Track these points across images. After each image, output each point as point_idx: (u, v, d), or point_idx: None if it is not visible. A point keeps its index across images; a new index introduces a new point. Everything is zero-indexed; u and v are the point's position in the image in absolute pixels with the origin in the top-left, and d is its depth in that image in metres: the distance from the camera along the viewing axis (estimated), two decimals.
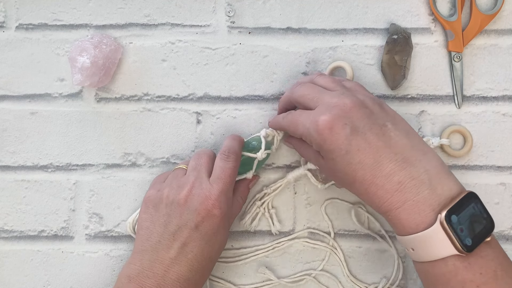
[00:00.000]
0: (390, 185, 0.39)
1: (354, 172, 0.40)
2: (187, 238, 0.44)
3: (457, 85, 0.53)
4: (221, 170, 0.46)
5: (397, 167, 0.40)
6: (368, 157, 0.40)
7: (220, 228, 0.45)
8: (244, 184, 0.51)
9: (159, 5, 0.54)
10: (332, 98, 0.43)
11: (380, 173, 0.40)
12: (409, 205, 0.39)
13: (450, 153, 0.52)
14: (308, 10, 0.54)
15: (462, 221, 0.38)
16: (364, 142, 0.40)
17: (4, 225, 0.53)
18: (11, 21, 0.54)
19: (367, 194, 0.41)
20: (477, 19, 0.52)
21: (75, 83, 0.50)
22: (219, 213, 0.44)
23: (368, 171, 0.40)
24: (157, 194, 0.46)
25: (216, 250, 0.46)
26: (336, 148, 0.41)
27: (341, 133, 0.40)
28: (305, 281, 0.52)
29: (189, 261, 0.43)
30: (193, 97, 0.53)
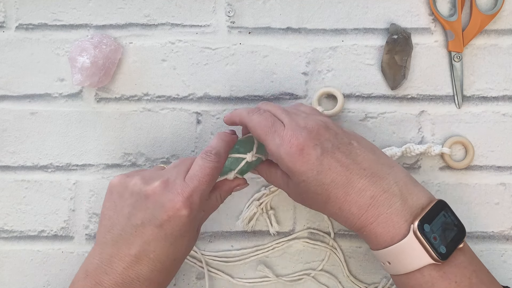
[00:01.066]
0: (363, 200, 0.39)
1: (327, 191, 0.40)
2: (150, 236, 0.40)
3: (457, 85, 0.53)
4: (199, 168, 0.42)
5: (368, 182, 0.40)
6: (340, 175, 0.40)
7: (188, 231, 0.41)
8: (227, 185, 0.46)
9: (159, 5, 0.54)
10: (298, 121, 0.42)
11: (353, 190, 0.40)
12: (383, 219, 0.39)
13: (450, 164, 0.52)
14: (308, 10, 0.54)
15: (435, 229, 0.39)
16: (334, 161, 0.40)
17: (4, 225, 0.53)
18: (11, 21, 0.54)
19: (341, 213, 0.40)
20: (477, 19, 0.52)
21: (75, 83, 0.50)
22: (188, 213, 0.40)
23: (340, 189, 0.40)
24: (124, 180, 0.42)
25: (182, 252, 0.42)
26: (308, 170, 0.40)
27: (312, 154, 0.40)
28: (304, 281, 0.52)
29: (151, 261, 0.40)
30: (193, 97, 0.53)
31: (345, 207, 0.40)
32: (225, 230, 0.53)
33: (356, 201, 0.40)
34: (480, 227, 0.52)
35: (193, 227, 0.42)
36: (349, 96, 0.53)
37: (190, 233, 0.42)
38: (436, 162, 0.53)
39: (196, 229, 0.44)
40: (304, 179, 0.41)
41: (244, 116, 0.44)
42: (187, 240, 0.42)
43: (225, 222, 0.53)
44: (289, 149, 0.40)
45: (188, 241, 0.42)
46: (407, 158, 0.52)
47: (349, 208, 0.40)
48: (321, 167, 0.40)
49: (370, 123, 0.53)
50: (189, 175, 0.42)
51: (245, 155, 0.46)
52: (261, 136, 0.42)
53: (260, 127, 0.43)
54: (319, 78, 0.53)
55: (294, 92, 0.53)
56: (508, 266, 0.52)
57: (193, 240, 0.44)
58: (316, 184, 0.40)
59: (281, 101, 0.53)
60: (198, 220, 0.43)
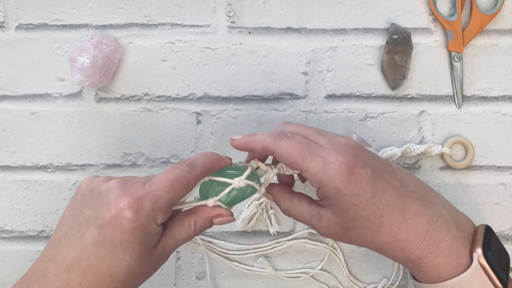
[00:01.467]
0: (420, 226, 0.35)
1: (381, 217, 0.35)
2: (89, 238, 0.34)
3: (457, 85, 0.53)
4: (163, 174, 0.36)
5: (421, 205, 0.36)
6: (395, 198, 0.36)
7: (130, 242, 0.34)
8: (206, 212, 0.38)
9: (159, 5, 0.54)
10: (337, 139, 0.38)
11: (409, 214, 0.36)
12: (444, 247, 0.35)
13: (450, 164, 0.52)
14: (308, 10, 0.54)
15: (494, 256, 0.36)
16: (385, 182, 0.36)
17: (4, 225, 0.53)
18: (11, 21, 0.54)
19: (396, 242, 0.36)
20: (477, 19, 0.52)
21: (75, 83, 0.50)
22: (132, 217, 0.34)
23: (396, 214, 0.35)
24: (90, 179, 0.38)
25: (122, 272, 0.34)
26: (361, 192, 0.35)
27: (363, 174, 0.35)
28: (302, 279, 0.52)
29: (82, 270, 0.34)
30: (193, 97, 0.53)
31: (401, 235, 0.35)
32: (225, 230, 0.53)
33: (414, 227, 0.35)
34: None
35: (140, 241, 0.34)
36: (349, 96, 0.53)
37: (135, 248, 0.34)
38: (436, 162, 0.53)
39: (148, 248, 0.35)
40: (356, 203, 0.35)
41: (269, 143, 0.38)
42: (130, 256, 0.34)
43: None
44: (338, 169, 0.35)
45: (131, 258, 0.34)
46: (407, 158, 0.52)
47: (406, 235, 0.35)
48: (374, 188, 0.36)
49: (370, 123, 0.53)
50: (150, 180, 0.36)
51: (232, 180, 0.38)
52: (296, 162, 0.37)
53: (295, 151, 0.36)
54: (319, 78, 0.53)
55: (294, 92, 0.53)
56: None
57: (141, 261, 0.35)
58: (369, 209, 0.35)
59: (281, 101, 0.53)
60: (151, 236, 0.35)
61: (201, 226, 0.38)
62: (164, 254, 0.37)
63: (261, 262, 0.52)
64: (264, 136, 0.38)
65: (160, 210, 0.35)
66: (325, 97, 0.53)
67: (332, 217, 0.37)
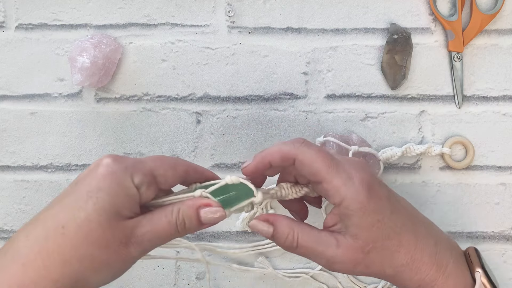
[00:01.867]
0: (430, 248, 0.35)
1: (400, 235, 0.35)
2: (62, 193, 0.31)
3: (457, 85, 0.53)
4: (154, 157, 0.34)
5: (426, 227, 0.37)
6: (407, 218, 0.36)
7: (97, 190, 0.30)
8: (192, 200, 0.34)
9: (159, 5, 0.54)
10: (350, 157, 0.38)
11: (420, 235, 0.35)
12: (452, 268, 0.35)
13: (450, 164, 0.52)
14: (308, 10, 0.54)
15: (490, 275, 0.36)
16: (397, 203, 0.36)
17: (4, 225, 0.53)
18: (11, 21, 0.54)
19: (413, 263, 0.35)
20: (477, 19, 0.52)
21: (75, 83, 0.50)
22: (108, 164, 0.31)
23: (411, 234, 0.35)
24: None
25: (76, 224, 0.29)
26: (383, 208, 0.34)
27: (381, 192, 0.35)
28: (302, 279, 0.52)
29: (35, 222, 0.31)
30: (193, 97, 0.53)
31: (417, 256, 0.35)
32: (225, 230, 0.53)
33: (426, 248, 0.35)
34: (480, 227, 0.52)
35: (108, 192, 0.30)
36: (349, 96, 0.53)
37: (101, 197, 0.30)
38: (436, 162, 0.53)
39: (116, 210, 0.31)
40: (379, 219, 0.34)
41: (289, 150, 0.35)
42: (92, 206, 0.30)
43: (225, 222, 0.53)
44: (361, 184, 0.34)
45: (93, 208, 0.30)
46: (407, 158, 0.52)
47: (421, 256, 0.35)
48: (392, 207, 0.35)
49: (370, 123, 0.53)
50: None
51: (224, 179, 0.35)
52: (321, 171, 0.34)
53: (320, 159, 0.34)
54: (319, 78, 0.53)
55: (294, 92, 0.53)
56: (508, 266, 0.52)
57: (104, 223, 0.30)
58: (390, 226, 0.34)
59: (281, 101, 0.53)
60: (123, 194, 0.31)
61: (185, 216, 0.33)
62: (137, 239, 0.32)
63: (261, 262, 0.52)
64: (279, 146, 0.36)
65: (140, 171, 0.32)
66: (325, 97, 0.53)
67: (352, 241, 0.34)
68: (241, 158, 0.53)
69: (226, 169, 0.53)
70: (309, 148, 0.35)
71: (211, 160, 0.53)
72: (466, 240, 0.52)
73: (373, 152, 0.49)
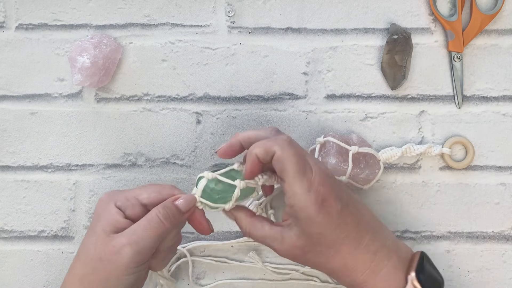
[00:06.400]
0: (367, 256, 0.39)
1: (339, 246, 0.39)
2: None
3: (457, 85, 0.53)
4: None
5: (372, 237, 0.40)
6: (353, 231, 0.39)
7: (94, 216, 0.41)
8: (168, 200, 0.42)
9: (159, 5, 0.54)
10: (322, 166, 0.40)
11: (360, 246, 0.39)
12: (385, 273, 0.39)
13: (450, 164, 0.52)
14: (308, 10, 0.54)
15: (427, 279, 0.40)
16: (349, 215, 0.39)
17: (4, 225, 0.53)
18: (11, 21, 0.54)
19: (345, 268, 0.39)
20: (477, 19, 0.52)
21: (75, 83, 0.50)
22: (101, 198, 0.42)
23: (351, 245, 0.39)
24: None
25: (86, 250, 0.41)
26: (328, 222, 0.38)
27: (333, 207, 0.38)
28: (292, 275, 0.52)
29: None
30: (193, 97, 0.53)
31: (351, 263, 0.39)
32: (225, 230, 0.53)
33: (362, 256, 0.39)
34: (480, 227, 0.52)
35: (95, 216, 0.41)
36: (349, 96, 0.53)
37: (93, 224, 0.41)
38: (436, 162, 0.53)
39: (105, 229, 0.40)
40: (321, 232, 0.38)
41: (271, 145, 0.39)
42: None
43: (225, 222, 0.53)
44: (316, 197, 0.38)
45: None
46: (407, 158, 0.52)
47: (355, 264, 0.39)
48: (339, 220, 0.39)
49: (370, 123, 0.53)
50: None
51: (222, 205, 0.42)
52: (290, 173, 0.38)
53: (294, 162, 0.38)
54: (319, 78, 0.53)
55: (294, 92, 0.53)
56: (508, 266, 0.52)
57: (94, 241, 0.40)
58: (331, 238, 0.39)
59: (281, 101, 0.53)
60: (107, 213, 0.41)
61: (166, 208, 0.40)
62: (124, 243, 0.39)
63: (251, 257, 0.52)
64: (256, 132, 0.42)
65: (123, 197, 0.41)
66: (325, 97, 0.53)
67: (295, 239, 0.39)
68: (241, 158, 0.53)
69: None
70: (290, 148, 0.39)
71: (211, 160, 0.53)
72: (466, 240, 0.52)
73: (373, 152, 0.49)
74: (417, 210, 0.52)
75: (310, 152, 0.51)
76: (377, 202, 0.52)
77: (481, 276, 0.52)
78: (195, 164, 0.53)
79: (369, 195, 0.52)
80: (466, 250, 0.52)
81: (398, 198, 0.52)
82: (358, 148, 0.48)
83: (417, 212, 0.52)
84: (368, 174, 0.49)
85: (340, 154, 0.48)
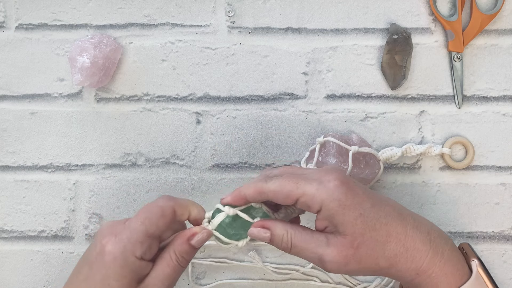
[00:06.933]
0: (423, 236, 0.35)
1: (386, 225, 0.35)
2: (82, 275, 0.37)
3: (457, 85, 0.53)
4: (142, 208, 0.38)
5: (414, 220, 0.37)
6: (392, 210, 0.36)
7: (108, 278, 0.35)
8: (181, 237, 0.38)
9: (159, 5, 0.54)
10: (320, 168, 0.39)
11: (409, 225, 0.36)
12: (448, 255, 0.35)
13: (450, 164, 0.52)
14: (308, 10, 0.54)
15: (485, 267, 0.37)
16: (378, 197, 0.37)
17: (4, 225, 0.53)
18: (11, 21, 0.54)
19: (406, 251, 0.35)
20: (477, 19, 0.52)
21: (75, 83, 0.50)
22: (111, 251, 0.35)
23: (398, 223, 0.36)
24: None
25: None
26: (362, 201, 0.35)
27: (357, 188, 0.36)
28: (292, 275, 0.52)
29: None
30: (193, 97, 0.53)
31: (409, 244, 0.35)
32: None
33: (418, 236, 0.35)
34: (480, 227, 0.52)
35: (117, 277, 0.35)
36: (349, 96, 0.53)
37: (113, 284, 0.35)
38: (436, 162, 0.53)
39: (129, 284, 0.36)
40: (361, 212, 0.35)
41: (261, 185, 0.38)
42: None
43: None
44: (334, 183, 0.35)
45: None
46: (407, 158, 0.52)
47: (413, 243, 0.35)
48: (372, 200, 0.36)
49: (370, 123, 0.53)
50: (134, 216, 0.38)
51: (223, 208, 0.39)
52: (292, 190, 0.36)
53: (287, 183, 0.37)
54: (319, 78, 0.53)
55: (294, 92, 0.53)
56: (508, 266, 0.52)
57: None
58: (373, 217, 0.35)
59: (281, 101, 0.53)
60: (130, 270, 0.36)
61: (182, 253, 0.37)
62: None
63: (251, 256, 0.52)
64: (254, 182, 0.38)
65: (137, 241, 0.36)
66: (325, 97, 0.53)
67: (341, 239, 0.35)
68: (241, 158, 0.53)
69: (226, 169, 0.53)
70: (277, 179, 0.37)
71: (211, 160, 0.53)
72: (466, 240, 0.52)
73: (373, 152, 0.49)
74: (417, 210, 0.52)
75: (310, 152, 0.51)
76: None
77: None
78: (195, 164, 0.53)
79: None
80: None
81: (398, 198, 0.52)
82: (358, 148, 0.48)
83: (417, 212, 0.52)
84: (368, 174, 0.49)
85: (340, 154, 0.48)
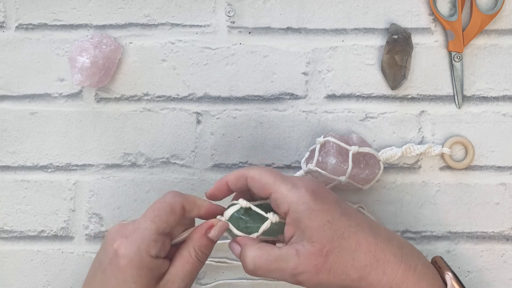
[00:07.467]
0: (394, 249, 0.35)
1: (356, 234, 0.35)
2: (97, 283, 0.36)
3: (457, 85, 0.53)
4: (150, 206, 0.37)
5: (385, 232, 0.36)
6: (362, 220, 0.36)
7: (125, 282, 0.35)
8: (198, 231, 0.38)
9: (159, 5, 0.54)
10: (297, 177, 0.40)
11: (380, 236, 0.35)
12: (421, 270, 0.35)
13: (450, 164, 0.51)
14: (308, 10, 0.54)
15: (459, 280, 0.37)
16: (348, 208, 0.37)
17: (4, 225, 0.53)
18: (11, 21, 0.54)
19: (377, 263, 0.34)
20: (477, 19, 0.52)
21: (75, 83, 0.50)
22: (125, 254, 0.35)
23: (369, 234, 0.35)
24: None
25: None
26: (331, 208, 0.35)
27: (329, 197, 0.37)
28: None
29: None
30: (193, 97, 0.53)
31: (380, 255, 0.34)
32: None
33: (389, 248, 0.34)
34: (480, 227, 0.52)
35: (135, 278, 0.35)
36: (349, 96, 0.53)
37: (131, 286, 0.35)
38: (436, 162, 0.53)
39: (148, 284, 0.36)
40: (329, 219, 0.35)
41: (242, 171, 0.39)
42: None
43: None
44: (306, 190, 0.36)
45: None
46: (407, 158, 0.52)
47: (384, 255, 0.34)
48: (341, 209, 0.36)
49: (370, 123, 0.53)
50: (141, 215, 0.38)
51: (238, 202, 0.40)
52: (269, 183, 0.37)
53: (267, 174, 0.37)
54: (319, 78, 0.53)
55: (294, 92, 0.53)
56: (508, 266, 0.52)
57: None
58: (342, 225, 0.35)
59: (281, 101, 0.53)
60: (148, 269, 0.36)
61: (201, 247, 0.37)
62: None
63: None
64: (235, 171, 0.40)
65: (150, 240, 0.35)
66: (325, 97, 0.53)
67: (309, 246, 0.34)
68: (241, 158, 0.53)
69: (226, 169, 0.53)
70: (258, 168, 0.39)
71: (211, 160, 0.53)
72: (466, 240, 0.52)
73: (373, 152, 0.49)
74: (417, 210, 0.52)
75: (310, 152, 0.51)
76: (377, 202, 0.52)
77: (481, 276, 0.52)
78: (195, 164, 0.53)
79: (369, 195, 0.52)
80: (466, 250, 0.52)
81: (398, 198, 0.52)
82: (358, 148, 0.48)
83: (417, 212, 0.52)
84: (368, 174, 0.49)
85: (340, 154, 0.48)
